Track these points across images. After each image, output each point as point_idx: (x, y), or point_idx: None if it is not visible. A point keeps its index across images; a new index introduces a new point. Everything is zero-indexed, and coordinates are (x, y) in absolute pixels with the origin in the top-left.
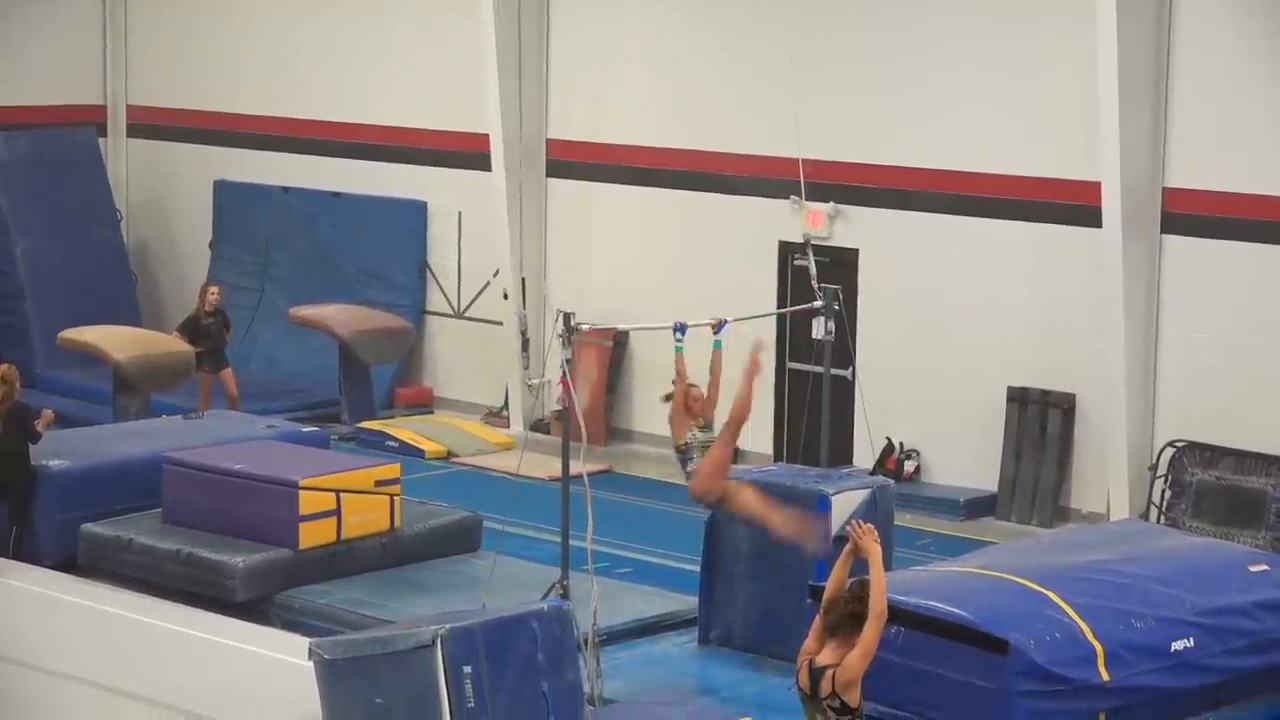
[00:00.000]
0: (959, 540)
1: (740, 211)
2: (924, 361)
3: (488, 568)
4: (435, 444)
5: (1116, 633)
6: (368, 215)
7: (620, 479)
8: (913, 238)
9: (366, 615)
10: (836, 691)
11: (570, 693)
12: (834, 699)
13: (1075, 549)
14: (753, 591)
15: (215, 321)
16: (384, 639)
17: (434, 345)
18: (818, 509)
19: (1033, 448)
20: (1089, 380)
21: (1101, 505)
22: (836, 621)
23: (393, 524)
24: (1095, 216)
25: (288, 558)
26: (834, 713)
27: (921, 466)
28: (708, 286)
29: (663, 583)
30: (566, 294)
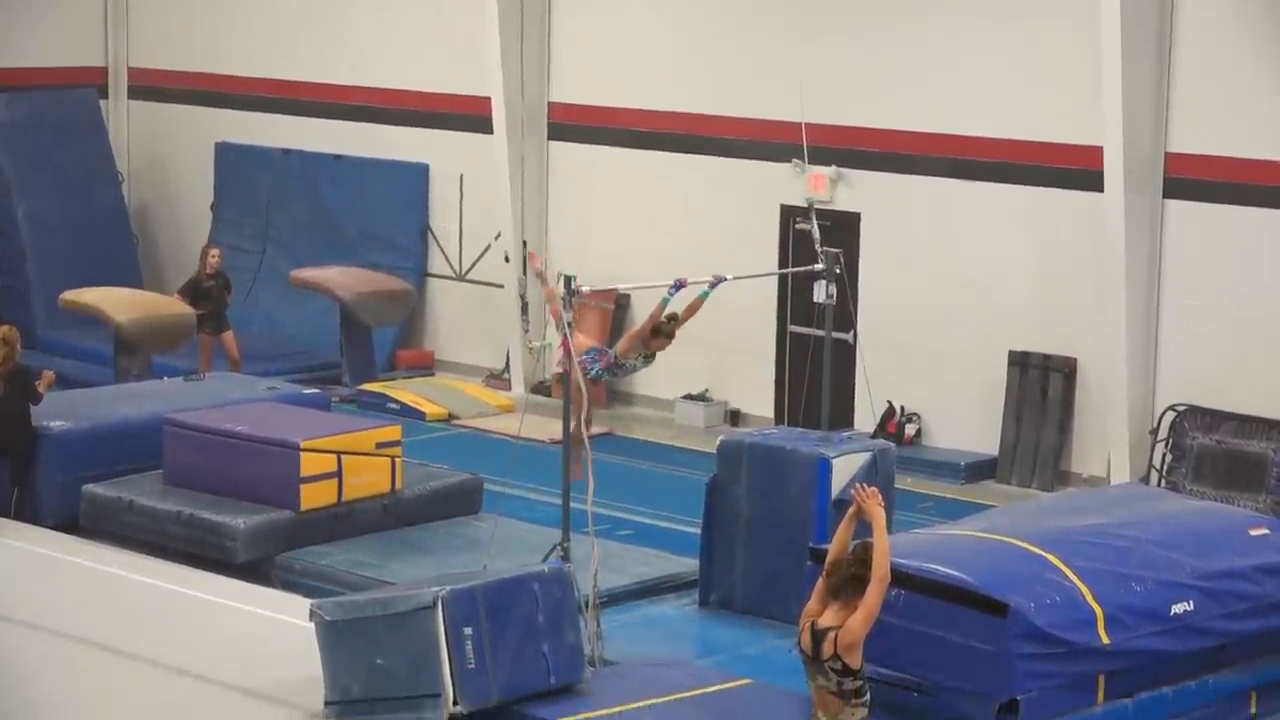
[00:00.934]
0: (959, 503)
1: (742, 175)
2: (925, 325)
3: (488, 530)
4: (436, 406)
5: (1116, 596)
6: (369, 178)
7: (621, 441)
8: (915, 202)
9: (367, 577)
10: (838, 653)
11: (571, 654)
12: (836, 661)
13: (1075, 512)
14: (753, 554)
15: (216, 284)
16: (385, 600)
17: (435, 308)
18: (819, 472)
19: (1033, 411)
20: (1090, 344)
21: (1102, 469)
22: (839, 584)
23: (393, 486)
24: (1097, 181)
25: (289, 519)
26: (835, 674)
27: (922, 430)
28: (709, 250)
29: (663, 545)
30: (567, 257)
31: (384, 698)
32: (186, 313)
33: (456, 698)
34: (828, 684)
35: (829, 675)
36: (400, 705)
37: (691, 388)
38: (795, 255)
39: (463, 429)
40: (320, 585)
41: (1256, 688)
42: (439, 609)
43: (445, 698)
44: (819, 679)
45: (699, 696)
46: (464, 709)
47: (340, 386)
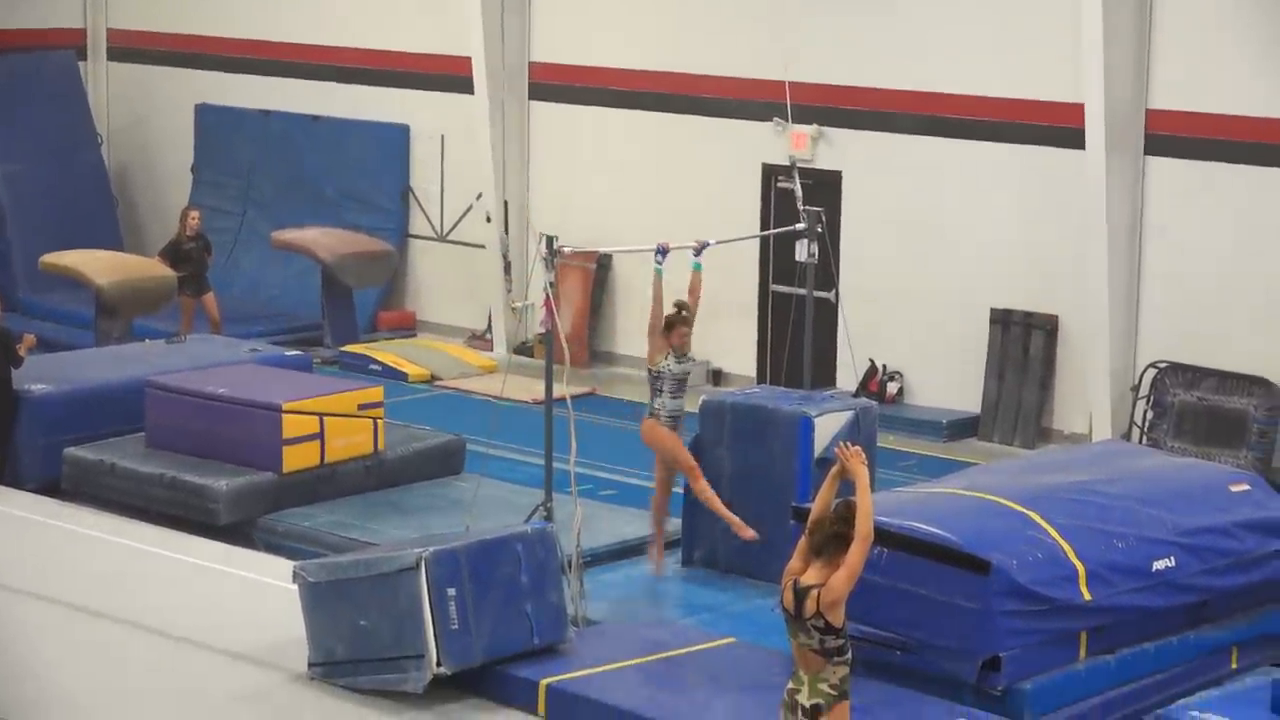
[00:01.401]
0: (942, 461)
1: (723, 134)
2: (907, 284)
3: (471, 490)
4: (418, 367)
5: (1098, 552)
6: (349, 139)
7: (603, 401)
8: (896, 160)
9: (350, 538)
10: (821, 611)
11: (554, 614)
12: (818, 619)
13: (1057, 470)
14: (736, 512)
15: (197, 246)
16: (368, 562)
17: (417, 269)
18: (801, 431)
19: (1015, 369)
20: (1071, 302)
21: (1084, 426)
22: (821, 542)
23: (376, 447)
24: (1078, 138)
25: (271, 481)
26: (818, 632)
27: (904, 388)
28: (691, 209)
29: (646, 505)
30: (549, 217)
31: (367, 659)
32: (167, 275)
33: (440, 658)
34: (810, 642)
35: (811, 633)
36: (384, 666)
37: None
38: (777, 214)
39: (445, 390)
40: (303, 547)
41: (1238, 643)
42: (422, 570)
43: (429, 658)
44: (801, 637)
45: (682, 655)
46: (447, 669)
47: (322, 348)
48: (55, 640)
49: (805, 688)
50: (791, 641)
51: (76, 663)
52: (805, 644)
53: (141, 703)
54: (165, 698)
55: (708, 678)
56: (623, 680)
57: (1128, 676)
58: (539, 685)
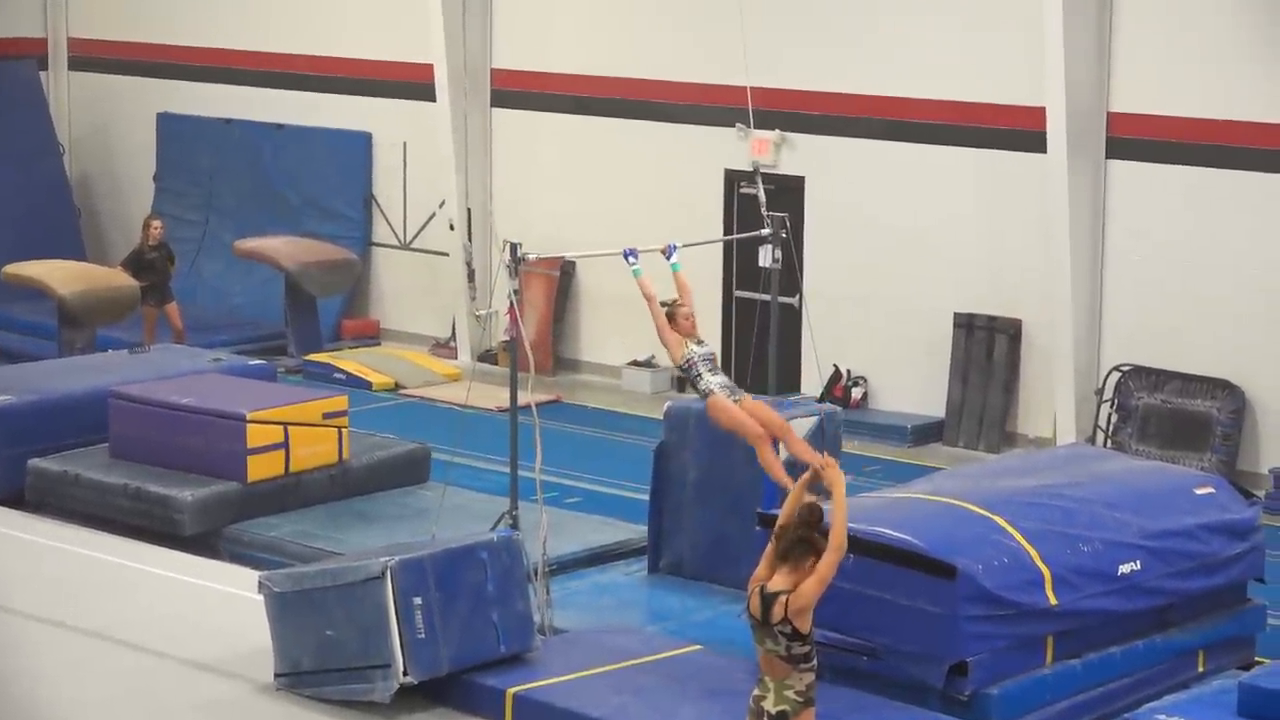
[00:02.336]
0: (906, 466)
1: (686, 140)
2: (871, 289)
3: (436, 499)
4: (383, 376)
5: (1064, 557)
6: (312, 147)
7: (568, 409)
8: (859, 164)
9: (316, 548)
10: (789, 617)
11: (521, 622)
12: (785, 625)
13: (1022, 474)
14: (701, 519)
15: (159, 255)
16: (333, 571)
17: (380, 277)
18: None
19: (979, 373)
20: (1035, 305)
21: (1048, 430)
22: (787, 547)
23: (341, 456)
24: (1040, 142)
25: (236, 491)
26: (785, 638)
27: (869, 393)
28: (654, 215)
29: (612, 512)
30: (513, 224)
31: (334, 669)
32: (130, 285)
33: (406, 668)
34: (776, 648)
35: (778, 639)
36: (350, 676)
37: (638, 354)
38: (740, 220)
39: (410, 398)
40: (268, 557)
41: (1204, 646)
42: (388, 579)
43: (395, 668)
44: (768, 643)
45: (649, 663)
46: (414, 679)
47: (286, 357)
48: (17, 652)
49: (771, 694)
50: (758, 648)
51: (39, 675)
52: (771, 650)
53: (105, 715)
54: (130, 710)
55: (675, 685)
56: (590, 688)
57: (1094, 681)
58: (506, 694)
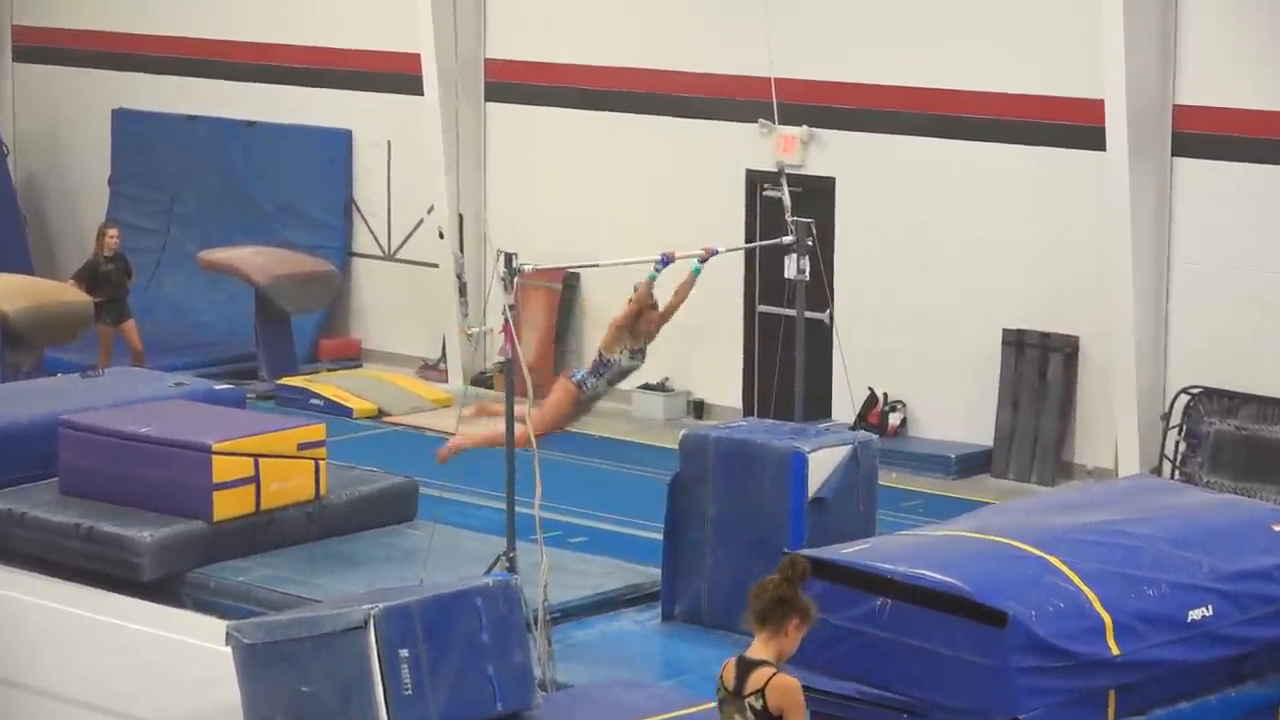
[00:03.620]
0: (950, 500)
1: (703, 137)
2: (910, 303)
3: (425, 539)
4: (364, 402)
5: (1127, 601)
6: (285, 146)
7: (572, 437)
8: (896, 164)
9: (290, 594)
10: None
11: (519, 677)
12: (759, 697)
13: (1080, 509)
14: (722, 560)
15: (115, 267)
16: (310, 620)
17: (361, 291)
18: (793, 468)
19: (1032, 396)
20: (1093, 321)
21: (1109, 459)
22: (765, 609)
23: (318, 492)
24: (1099, 138)
25: (200, 531)
26: (754, 714)
27: (908, 419)
28: (667, 222)
29: (621, 553)
30: (509, 232)
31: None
32: (82, 301)
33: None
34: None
35: (747, 713)
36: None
37: (650, 377)
38: (763, 227)
39: (395, 427)
40: (237, 605)
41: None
42: (371, 629)
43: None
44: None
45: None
46: None
47: (256, 381)
48: None
49: None
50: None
51: None
52: None
53: None
54: None
55: None
56: None
57: None
58: None
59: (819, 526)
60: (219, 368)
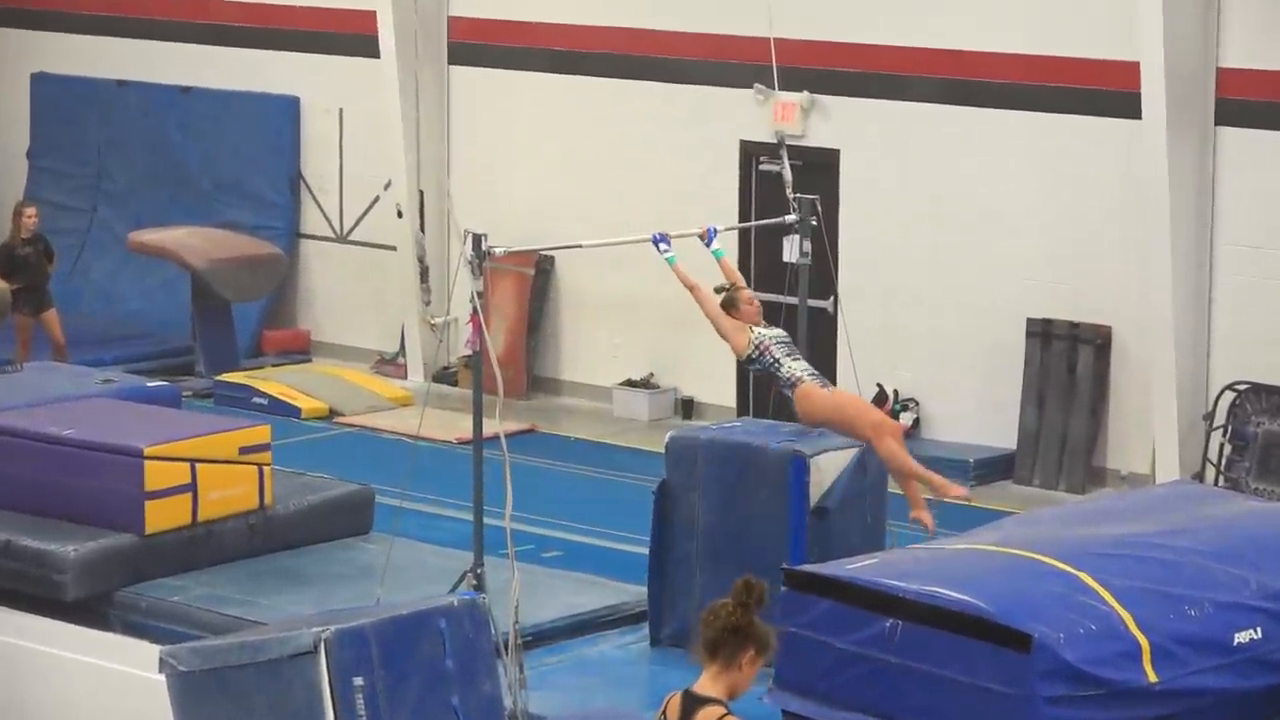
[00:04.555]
0: (968, 510)
1: (692, 105)
2: (923, 289)
3: (382, 553)
4: (314, 400)
5: (1166, 622)
6: (225, 115)
7: (546, 440)
8: (907, 135)
9: (231, 615)
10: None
11: (487, 707)
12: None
13: (1113, 519)
14: (714, 577)
15: (34, 250)
16: (254, 645)
17: (311, 277)
18: (793, 475)
19: (1059, 393)
20: (1128, 308)
21: (1145, 464)
22: (716, 638)
23: (262, 501)
24: (1134, 105)
25: (131, 545)
26: None
27: (921, 419)
28: (651, 200)
29: (601, 569)
30: (476, 210)
31: None
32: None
33: None
34: None
35: None
36: None
37: (633, 372)
38: (760, 205)
39: (348, 428)
40: (172, 628)
41: None
42: (321, 654)
43: None
44: None
45: None
46: None
47: (193, 377)
48: None
49: None
50: None
51: None
52: None
53: None
54: None
55: None
56: None
57: None
58: None
59: (822, 539)
60: (151, 363)
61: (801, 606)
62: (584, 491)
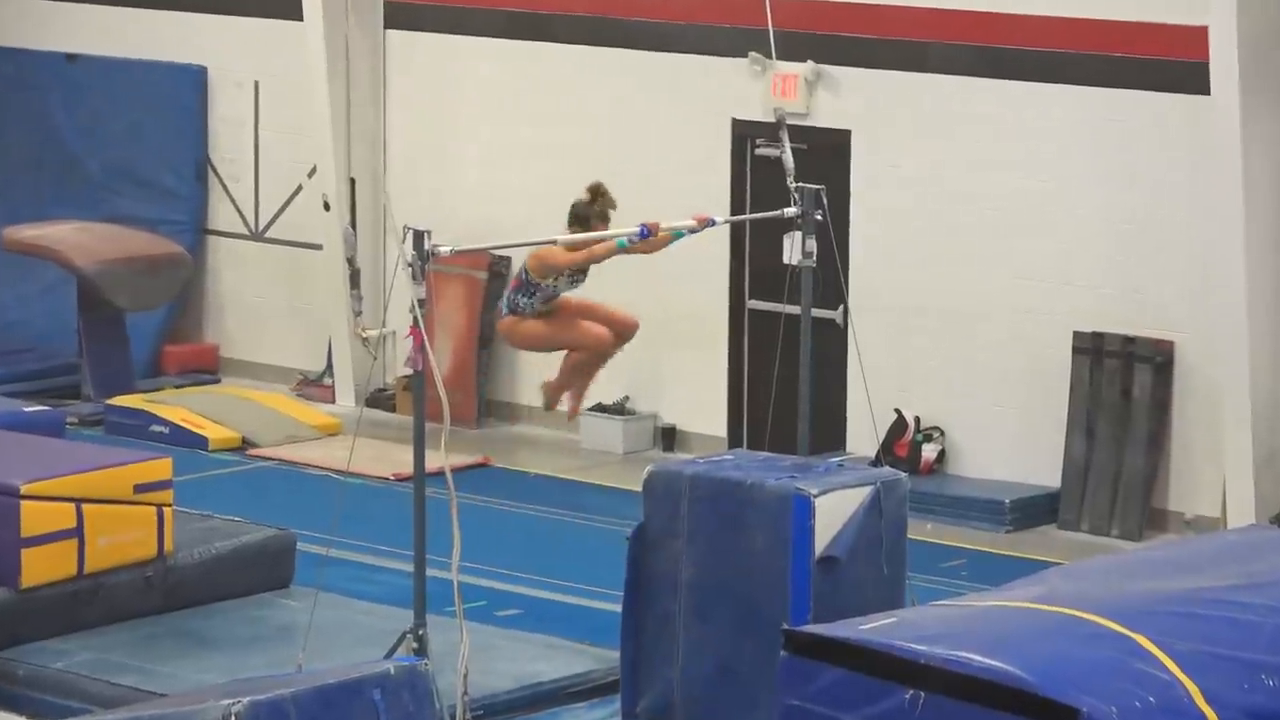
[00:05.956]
0: (1004, 560)
1: (675, 77)
2: (948, 296)
3: (305, 611)
4: (224, 428)
5: (1239, 694)
6: (119, 88)
7: (501, 476)
8: (930, 113)
9: (125, 685)
10: None
11: None
12: None
13: (1176, 571)
14: (701, 640)
15: None
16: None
17: (221, 281)
18: (794, 518)
19: (1112, 421)
20: (1194, 320)
21: (1214, 505)
22: None
23: (161, 549)
24: (1201, 78)
25: (4, 601)
26: None
27: (948, 451)
28: (628, 188)
29: (567, 629)
30: (417, 202)
31: None
32: None
33: None
34: None
35: None
36: None
37: (604, 395)
38: (755, 195)
39: (264, 461)
40: (53, 700)
41: None
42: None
43: None
44: None
45: None
46: None
47: (80, 401)
48: None
49: None
50: None
51: None
52: None
53: None
54: None
55: None
56: None
57: None
58: None
59: (829, 594)
60: (30, 383)
61: (805, 675)
62: (546, 538)
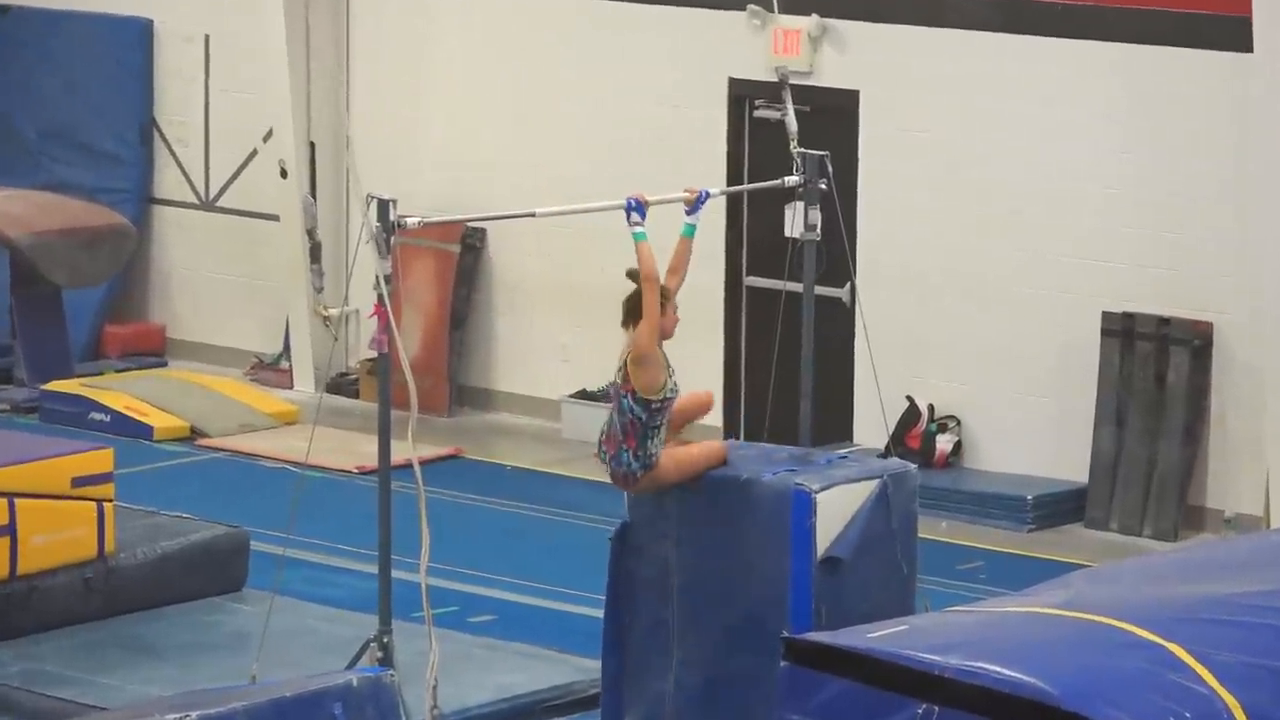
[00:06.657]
0: (1026, 561)
1: (668, 33)
2: (965, 273)
3: (259, 617)
4: (171, 416)
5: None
6: (56, 42)
7: (474, 468)
8: (945, 72)
9: (61, 698)
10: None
11: None
12: None
13: (1214, 574)
14: (693, 650)
15: None
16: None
17: (168, 255)
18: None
19: (1145, 410)
20: (1234, 300)
21: (1257, 503)
22: None
23: (102, 549)
24: (1242, 34)
25: None
26: None
27: (965, 443)
28: (613, 155)
29: (545, 637)
30: (383, 169)
31: None
32: None
33: None
34: None
35: None
36: None
37: (586, 381)
38: (754, 162)
39: (215, 452)
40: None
41: None
42: None
43: None
44: None
45: None
46: None
47: (13, 386)
48: None
49: None
50: None
51: None
52: None
53: None
54: None
55: None
56: None
57: None
58: None
59: (833, 599)
60: None
61: (807, 687)
62: (523, 536)
